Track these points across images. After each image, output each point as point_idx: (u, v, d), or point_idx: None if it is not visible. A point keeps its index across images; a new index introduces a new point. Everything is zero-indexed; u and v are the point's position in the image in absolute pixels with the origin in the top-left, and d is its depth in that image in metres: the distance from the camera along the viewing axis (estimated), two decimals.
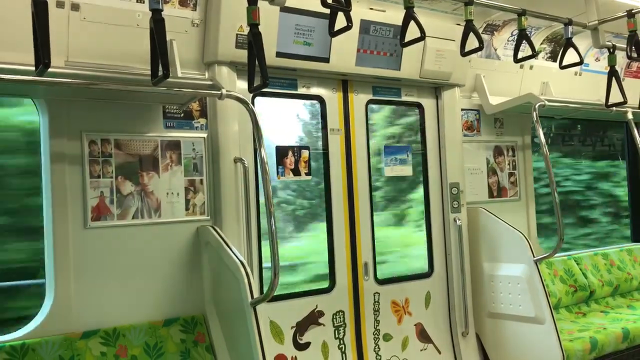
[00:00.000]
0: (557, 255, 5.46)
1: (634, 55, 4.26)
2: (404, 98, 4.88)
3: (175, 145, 3.73)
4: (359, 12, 4.20)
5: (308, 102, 4.48)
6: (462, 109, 5.13)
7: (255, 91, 3.03)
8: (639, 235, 6.88)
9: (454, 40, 4.54)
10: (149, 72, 2.88)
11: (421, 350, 4.76)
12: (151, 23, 2.62)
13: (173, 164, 3.71)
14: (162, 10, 2.61)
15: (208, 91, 3.42)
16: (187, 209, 3.75)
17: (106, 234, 3.48)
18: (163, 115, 3.71)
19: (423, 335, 4.79)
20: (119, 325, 3.44)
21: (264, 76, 2.76)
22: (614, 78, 4.68)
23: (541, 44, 5.42)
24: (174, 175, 3.72)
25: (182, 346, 3.57)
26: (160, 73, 2.63)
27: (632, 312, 5.53)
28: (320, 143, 4.44)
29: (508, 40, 5.16)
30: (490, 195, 5.31)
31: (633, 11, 4.25)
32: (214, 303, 3.73)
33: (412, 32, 3.58)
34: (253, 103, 4.04)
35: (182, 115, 3.76)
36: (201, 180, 3.81)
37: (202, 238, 3.73)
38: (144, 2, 3.34)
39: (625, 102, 4.82)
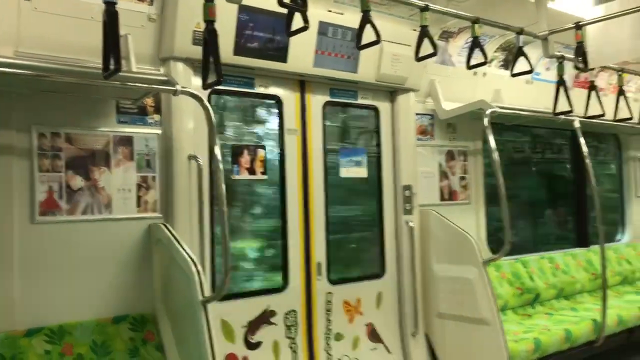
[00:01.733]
0: (505, 258, 5.62)
1: (581, 65, 4.42)
2: (360, 101, 4.93)
3: (127, 141, 3.68)
4: (317, 14, 4.24)
5: (266, 101, 4.49)
6: (417, 114, 5.22)
7: (209, 87, 3.02)
8: (583, 240, 7.11)
9: (410, 46, 4.62)
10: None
11: (371, 349, 4.81)
12: (104, 15, 2.59)
13: (125, 159, 3.67)
14: (115, 3, 2.57)
15: (162, 87, 3.39)
16: (138, 205, 3.71)
17: (54, 230, 3.41)
18: (116, 110, 3.67)
19: (374, 335, 4.85)
20: (65, 322, 3.37)
21: (218, 73, 2.76)
22: (562, 87, 4.84)
23: (495, 52, 5.56)
24: (125, 171, 3.67)
25: (131, 344, 3.52)
26: (112, 67, 2.59)
27: (575, 314, 5.72)
28: (277, 142, 4.45)
29: (463, 48, 5.28)
30: (442, 198, 5.42)
31: (580, 23, 4.42)
32: (164, 301, 3.69)
33: (370, 35, 3.64)
34: (209, 100, 4.03)
35: (136, 110, 3.72)
36: (154, 177, 3.77)
37: (154, 235, 3.69)
38: None
39: (571, 111, 4.98)
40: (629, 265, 7.08)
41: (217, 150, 3.31)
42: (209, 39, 2.80)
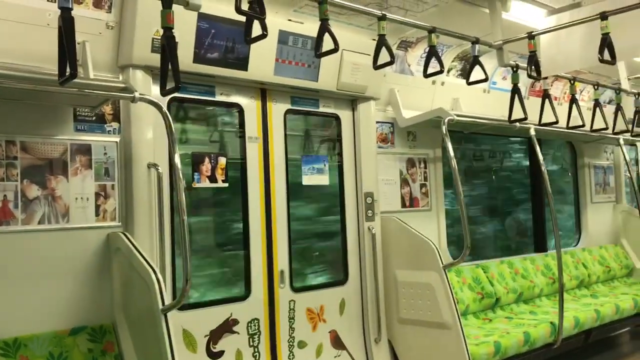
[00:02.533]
0: (465, 264, 5.74)
1: (534, 74, 4.55)
2: (322, 109, 4.98)
3: (85, 149, 3.64)
4: (277, 23, 4.28)
5: (226, 109, 4.49)
6: (377, 122, 5.29)
7: (167, 95, 3.01)
8: (541, 245, 7.29)
9: (369, 55, 4.65)
10: None
11: (335, 357, 4.83)
12: (59, 21, 2.57)
13: (83, 168, 3.62)
14: (71, 9, 2.55)
15: (120, 94, 3.36)
16: (97, 214, 3.66)
17: (9, 239, 3.33)
18: (74, 118, 3.62)
19: (337, 342, 4.87)
20: (21, 335, 3.29)
21: (176, 80, 2.76)
22: (516, 95, 4.97)
23: (452, 61, 5.68)
24: (84, 180, 3.62)
25: (89, 356, 3.46)
26: (67, 73, 2.57)
27: (534, 317, 5.84)
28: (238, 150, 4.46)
29: (421, 57, 5.38)
30: (403, 205, 5.49)
31: (533, 33, 4.55)
32: (124, 311, 3.64)
33: (330, 44, 3.68)
34: (169, 109, 4.02)
35: (94, 118, 3.68)
36: (113, 185, 3.73)
37: (113, 244, 3.64)
38: (54, 1, 3.25)
39: (525, 119, 5.12)
40: (585, 269, 7.28)
41: (177, 159, 3.29)
42: (167, 46, 2.80)
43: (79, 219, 3.59)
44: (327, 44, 3.68)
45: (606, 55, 4.04)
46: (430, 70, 4.36)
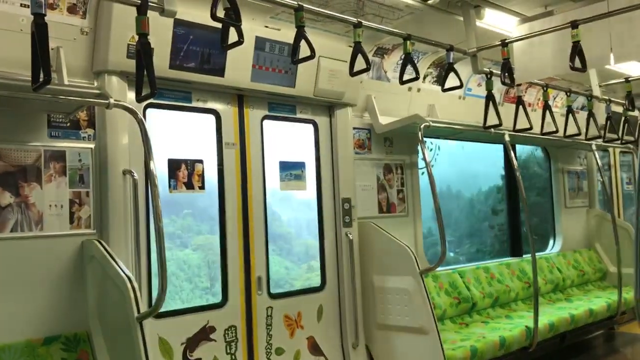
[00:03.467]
0: (442, 269, 5.78)
1: (507, 81, 4.63)
2: (299, 115, 4.99)
3: (60, 156, 3.60)
4: (254, 29, 4.29)
5: (203, 115, 4.48)
6: (354, 128, 5.32)
7: (143, 101, 3.00)
8: (516, 250, 7.38)
9: (346, 61, 4.69)
10: None
11: None
12: (32, 27, 2.55)
13: (57, 174, 3.58)
14: (44, 15, 2.54)
15: (95, 100, 3.34)
16: (71, 222, 3.62)
17: None
18: (48, 124, 3.58)
19: (315, 348, 4.86)
20: None
21: (152, 86, 2.75)
22: (491, 102, 5.04)
23: (428, 68, 5.74)
24: (58, 187, 3.58)
25: None
26: (41, 79, 2.55)
27: (510, 321, 5.91)
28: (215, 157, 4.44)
29: (397, 64, 5.42)
30: (380, 210, 5.52)
31: (506, 41, 4.63)
32: (98, 319, 3.60)
33: (307, 51, 3.70)
34: (145, 115, 3.99)
35: (69, 124, 3.65)
36: (87, 192, 3.69)
37: (87, 252, 3.60)
38: (28, 7, 3.22)
39: (500, 125, 5.19)
40: (560, 274, 7.39)
41: (153, 165, 3.28)
42: (142, 52, 2.79)
43: (53, 226, 3.55)
44: (304, 50, 3.70)
45: (577, 63, 4.12)
46: (406, 77, 4.40)
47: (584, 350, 7.05)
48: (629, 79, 6.11)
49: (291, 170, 4.95)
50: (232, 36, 3.28)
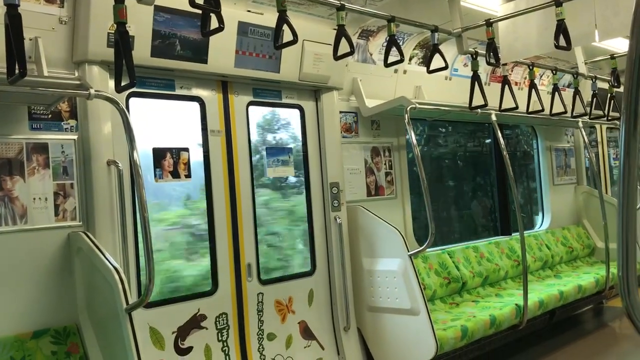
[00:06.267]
0: (431, 249, 5.81)
1: (492, 61, 4.61)
2: (285, 100, 4.95)
3: (42, 148, 3.55)
4: (236, 14, 4.23)
5: (188, 103, 4.43)
6: (341, 112, 5.29)
7: (123, 91, 2.96)
8: (505, 228, 7.42)
9: (330, 45, 4.66)
10: None
11: (305, 347, 4.85)
12: (6, 19, 2.49)
13: (40, 167, 3.53)
14: (18, 6, 2.48)
15: (75, 91, 3.29)
16: (56, 214, 3.58)
17: None
18: (28, 116, 3.53)
19: (307, 333, 4.89)
20: None
21: (131, 76, 2.71)
22: (476, 82, 5.02)
23: (413, 49, 5.71)
24: (41, 180, 3.54)
25: (53, 358, 3.40)
26: (17, 71, 2.50)
27: (499, 299, 5.96)
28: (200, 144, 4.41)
29: (383, 46, 5.38)
30: (369, 194, 5.52)
31: (491, 20, 4.60)
32: (87, 311, 3.59)
33: (290, 35, 3.65)
34: (128, 104, 3.95)
35: (50, 116, 3.60)
36: (72, 184, 3.65)
37: (74, 244, 3.58)
38: None
39: (486, 105, 5.18)
40: (549, 251, 7.44)
41: (137, 155, 3.25)
42: (120, 41, 2.75)
43: (38, 219, 3.52)
44: (287, 35, 3.65)
45: (562, 41, 4.11)
46: (391, 59, 4.36)
47: (573, 326, 7.13)
48: (614, 55, 6.11)
49: (278, 156, 4.92)
50: (214, 22, 3.24)
